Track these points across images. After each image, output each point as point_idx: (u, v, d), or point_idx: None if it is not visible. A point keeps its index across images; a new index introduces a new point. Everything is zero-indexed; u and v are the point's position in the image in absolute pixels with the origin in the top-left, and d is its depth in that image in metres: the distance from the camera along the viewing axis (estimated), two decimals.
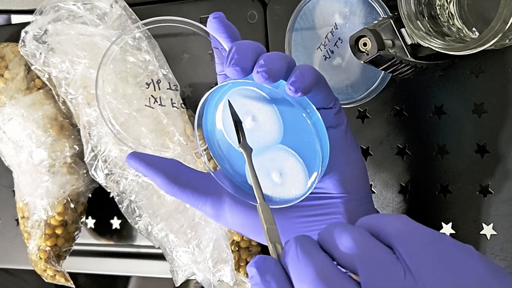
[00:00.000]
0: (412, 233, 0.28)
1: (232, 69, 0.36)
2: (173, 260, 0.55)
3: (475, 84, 0.48)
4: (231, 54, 0.36)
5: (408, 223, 0.29)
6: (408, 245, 0.27)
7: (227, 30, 0.40)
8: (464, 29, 0.43)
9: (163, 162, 0.42)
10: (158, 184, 0.41)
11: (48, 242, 0.61)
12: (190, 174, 0.42)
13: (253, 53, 0.36)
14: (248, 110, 0.40)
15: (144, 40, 0.56)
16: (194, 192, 0.41)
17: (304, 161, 0.40)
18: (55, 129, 0.61)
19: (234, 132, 0.40)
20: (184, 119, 0.55)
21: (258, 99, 0.39)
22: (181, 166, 0.42)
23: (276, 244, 0.32)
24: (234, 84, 0.39)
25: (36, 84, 0.62)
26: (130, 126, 0.54)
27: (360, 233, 0.28)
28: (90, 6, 0.57)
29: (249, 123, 0.40)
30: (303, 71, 0.36)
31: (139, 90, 0.55)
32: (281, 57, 0.36)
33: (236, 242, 0.55)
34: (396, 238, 0.28)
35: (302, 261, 0.28)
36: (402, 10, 0.40)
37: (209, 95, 0.39)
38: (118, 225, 0.66)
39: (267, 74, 0.35)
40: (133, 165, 0.42)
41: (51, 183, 0.61)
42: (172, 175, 0.41)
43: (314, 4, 0.50)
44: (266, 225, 0.34)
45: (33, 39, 0.58)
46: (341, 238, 0.28)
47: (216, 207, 0.41)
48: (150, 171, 0.41)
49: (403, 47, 0.42)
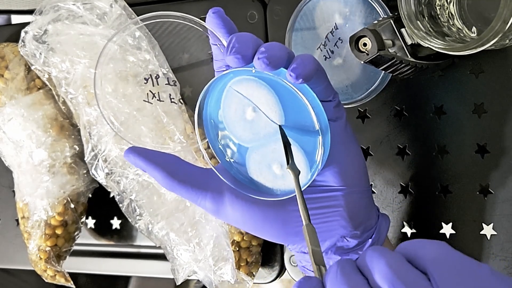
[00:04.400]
0: (448, 259, 0.28)
1: (233, 57, 0.36)
2: (174, 259, 0.55)
3: (475, 84, 0.48)
4: (231, 43, 0.36)
5: (446, 249, 0.28)
6: (443, 271, 0.27)
7: (225, 25, 0.40)
8: (464, 29, 0.43)
9: (163, 156, 0.41)
10: (157, 178, 0.41)
11: (48, 242, 0.61)
12: (189, 169, 0.42)
13: (253, 43, 0.36)
14: (249, 101, 0.40)
15: (144, 40, 0.56)
16: (193, 187, 0.41)
17: (305, 152, 0.40)
18: (55, 129, 0.61)
19: (235, 124, 0.40)
20: (185, 118, 0.55)
21: (259, 89, 0.40)
22: (180, 161, 0.42)
23: (320, 266, 0.33)
24: (235, 74, 0.39)
25: (36, 84, 0.62)
26: (131, 125, 0.54)
27: (395, 257, 0.29)
28: (89, 6, 0.57)
29: (250, 114, 0.40)
30: (304, 59, 0.37)
31: (139, 89, 0.55)
32: (282, 46, 0.37)
33: (236, 242, 0.55)
34: (431, 263, 0.28)
35: (339, 281, 0.29)
36: (402, 10, 0.40)
37: (209, 86, 0.39)
38: (118, 225, 0.66)
39: (268, 61, 0.35)
40: (132, 159, 0.41)
41: (51, 183, 0.61)
42: (171, 170, 0.41)
43: (314, 4, 0.50)
44: (311, 247, 0.34)
45: (33, 39, 0.58)
46: (378, 263, 0.28)
47: (216, 202, 0.41)
48: (149, 166, 0.41)
49: (403, 47, 0.42)
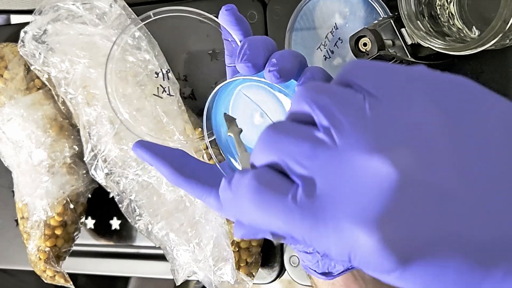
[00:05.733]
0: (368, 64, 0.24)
1: (244, 65, 0.36)
2: (174, 259, 0.55)
3: None
4: (243, 50, 0.36)
5: (364, 60, 0.25)
6: (364, 74, 0.24)
7: (239, 23, 0.41)
8: (464, 29, 0.43)
9: (170, 151, 0.42)
10: (164, 173, 0.41)
11: (47, 242, 0.61)
12: (196, 165, 0.42)
13: (265, 50, 0.36)
14: (257, 106, 0.40)
15: (143, 40, 0.56)
16: (199, 183, 0.41)
17: None
18: (55, 129, 0.61)
19: (242, 125, 0.41)
20: (184, 118, 0.55)
21: (268, 97, 0.40)
22: (187, 157, 0.42)
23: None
24: (244, 80, 0.40)
25: (36, 84, 0.62)
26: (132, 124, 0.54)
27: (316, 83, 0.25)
28: (89, 5, 0.57)
29: (257, 119, 0.41)
30: (313, 73, 0.36)
31: (138, 89, 0.55)
32: (293, 56, 0.36)
33: (236, 242, 0.55)
34: (351, 74, 0.24)
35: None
36: (402, 10, 0.40)
37: (219, 88, 0.40)
38: (117, 226, 0.65)
39: (278, 74, 0.35)
40: (140, 153, 0.41)
41: (50, 184, 0.60)
42: (178, 165, 0.41)
43: (314, 4, 0.50)
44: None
45: (32, 39, 0.58)
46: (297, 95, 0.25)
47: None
48: (156, 161, 0.41)
49: (403, 47, 0.42)
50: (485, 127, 0.22)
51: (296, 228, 0.23)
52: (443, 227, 0.21)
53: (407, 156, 0.21)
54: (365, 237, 0.21)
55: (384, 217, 0.21)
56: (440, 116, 0.22)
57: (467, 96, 0.23)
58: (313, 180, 0.22)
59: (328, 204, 0.22)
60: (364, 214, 0.21)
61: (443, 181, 0.21)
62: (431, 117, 0.22)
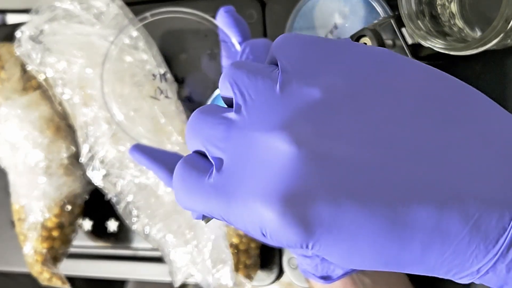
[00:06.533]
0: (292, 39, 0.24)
1: None
2: (172, 261, 0.55)
3: (475, 85, 0.47)
4: (245, 54, 0.36)
5: (291, 34, 0.25)
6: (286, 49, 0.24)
7: (237, 25, 0.40)
8: (465, 29, 0.42)
9: (166, 155, 0.42)
10: (161, 177, 0.41)
11: (44, 244, 0.60)
12: None
13: (267, 54, 0.36)
14: None
15: (141, 40, 0.56)
16: None
17: None
18: (52, 130, 0.60)
19: None
20: (182, 119, 0.54)
21: None
22: None
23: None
24: None
25: (33, 84, 0.61)
26: (128, 126, 0.53)
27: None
28: (86, 5, 0.57)
29: None
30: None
31: (136, 89, 0.54)
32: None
33: (235, 244, 0.54)
34: (277, 49, 0.24)
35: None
36: (403, 10, 0.40)
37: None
38: (115, 227, 0.65)
39: None
40: (136, 157, 0.42)
41: (47, 185, 0.60)
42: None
43: (314, 3, 0.49)
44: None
45: (29, 39, 0.58)
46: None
47: None
48: (153, 164, 0.41)
49: (404, 47, 0.42)
50: (397, 95, 0.22)
51: (214, 208, 0.23)
52: (343, 194, 0.21)
53: (306, 131, 0.21)
54: (269, 213, 0.21)
55: (285, 192, 0.21)
56: (347, 90, 0.22)
57: (380, 67, 0.23)
58: (223, 160, 0.23)
59: (237, 183, 0.22)
60: (266, 190, 0.21)
61: (344, 151, 0.21)
62: (337, 91, 0.22)
